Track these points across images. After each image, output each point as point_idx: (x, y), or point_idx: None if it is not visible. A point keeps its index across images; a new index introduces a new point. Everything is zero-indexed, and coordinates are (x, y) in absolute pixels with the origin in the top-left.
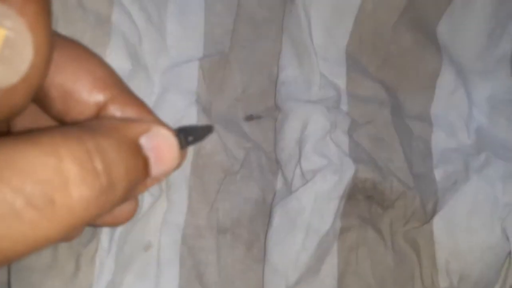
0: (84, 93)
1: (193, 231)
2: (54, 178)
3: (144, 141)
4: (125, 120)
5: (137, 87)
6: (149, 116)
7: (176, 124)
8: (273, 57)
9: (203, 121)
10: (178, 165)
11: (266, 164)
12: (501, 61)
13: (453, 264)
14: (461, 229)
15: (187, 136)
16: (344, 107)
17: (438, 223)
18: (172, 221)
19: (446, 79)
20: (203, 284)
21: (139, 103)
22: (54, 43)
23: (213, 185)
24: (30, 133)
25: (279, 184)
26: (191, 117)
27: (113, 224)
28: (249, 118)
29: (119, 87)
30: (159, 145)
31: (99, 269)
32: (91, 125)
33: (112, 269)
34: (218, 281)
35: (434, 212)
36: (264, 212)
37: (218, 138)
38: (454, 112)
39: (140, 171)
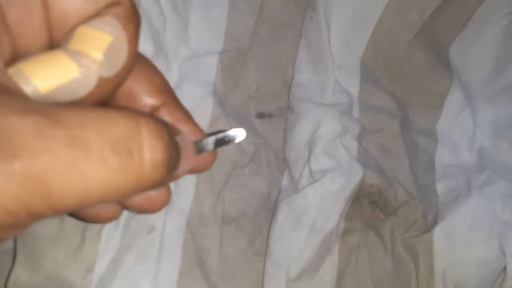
0: (144, 95)
1: (198, 219)
2: (134, 138)
3: (178, 139)
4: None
5: None
6: (191, 120)
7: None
8: (288, 60)
9: (218, 113)
10: (209, 166)
11: (274, 161)
12: (506, 89)
13: (450, 275)
14: (461, 242)
15: (218, 140)
16: (355, 114)
17: (438, 233)
18: (177, 205)
19: (455, 99)
20: (203, 271)
21: (184, 109)
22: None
23: (221, 176)
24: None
25: (285, 181)
26: (207, 108)
27: (149, 210)
28: (261, 115)
29: (170, 94)
30: (186, 147)
31: (105, 244)
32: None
33: (117, 247)
34: (219, 270)
35: (434, 223)
36: (268, 208)
37: None
38: (458, 131)
39: (177, 161)
